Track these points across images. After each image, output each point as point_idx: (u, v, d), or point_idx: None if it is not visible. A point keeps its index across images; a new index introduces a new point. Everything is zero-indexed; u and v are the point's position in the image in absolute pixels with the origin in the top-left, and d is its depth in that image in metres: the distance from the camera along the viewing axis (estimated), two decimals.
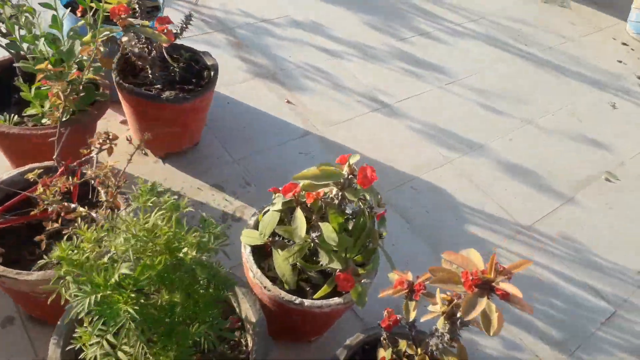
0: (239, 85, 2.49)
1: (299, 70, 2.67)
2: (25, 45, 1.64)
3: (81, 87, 1.52)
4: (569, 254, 2.07)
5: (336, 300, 1.34)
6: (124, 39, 1.70)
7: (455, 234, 2.05)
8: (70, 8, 1.85)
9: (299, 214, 1.29)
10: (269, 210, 1.40)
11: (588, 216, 2.25)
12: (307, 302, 1.33)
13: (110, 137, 1.23)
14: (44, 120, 1.58)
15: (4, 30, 1.63)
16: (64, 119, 1.42)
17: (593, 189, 2.39)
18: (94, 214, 1.16)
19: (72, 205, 1.14)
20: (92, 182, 1.20)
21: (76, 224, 1.08)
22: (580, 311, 1.88)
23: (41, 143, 1.55)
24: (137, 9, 1.80)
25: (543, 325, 1.79)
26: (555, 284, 1.94)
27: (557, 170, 2.44)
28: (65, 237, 1.07)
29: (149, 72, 1.88)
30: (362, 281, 1.32)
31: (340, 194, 1.25)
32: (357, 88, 2.64)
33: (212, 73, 1.97)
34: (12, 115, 1.59)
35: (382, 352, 1.18)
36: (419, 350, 1.15)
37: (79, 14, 1.65)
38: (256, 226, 1.48)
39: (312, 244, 1.31)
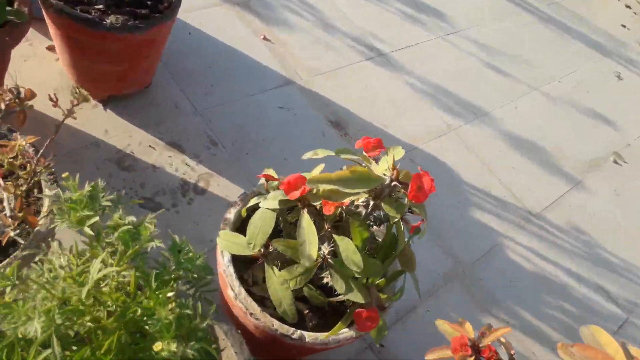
0: (203, 11, 1.97)
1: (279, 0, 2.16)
2: None
3: None
4: (578, 249, 1.83)
5: (347, 335, 1.00)
6: None
7: (458, 220, 1.74)
8: None
9: (307, 223, 0.91)
10: (257, 205, 1.01)
11: (597, 204, 2.01)
12: (308, 337, 0.98)
13: (22, 95, 0.75)
14: None
15: None
16: None
17: (602, 172, 2.15)
18: None
19: None
20: None
21: None
22: (592, 317, 1.66)
23: None
24: None
25: (557, 336, 1.56)
26: (565, 285, 1.70)
27: (564, 146, 2.17)
28: None
29: None
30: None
31: (372, 204, 0.87)
32: (348, 30, 2.19)
33: None
34: None
35: None
36: None
37: None
38: (238, 224, 1.08)
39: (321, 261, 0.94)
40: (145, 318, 0.54)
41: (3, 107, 0.71)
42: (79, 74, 1.48)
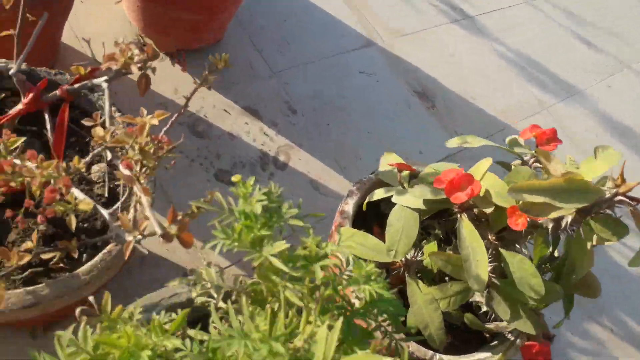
0: None
1: None
2: None
3: None
4: None
5: None
6: None
7: None
8: None
9: (470, 235, 0.72)
10: (384, 201, 0.82)
11: None
12: None
13: (145, 49, 0.55)
14: None
15: None
16: None
17: None
18: (111, 227, 0.52)
19: (79, 195, 0.49)
20: (105, 153, 0.55)
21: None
22: None
23: None
24: None
25: None
26: None
27: None
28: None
29: None
30: None
31: (571, 220, 0.67)
32: None
33: None
34: None
35: None
36: None
37: None
38: (358, 218, 0.90)
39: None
40: None
41: (134, 69, 0.51)
42: (146, 21, 1.26)
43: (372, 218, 0.93)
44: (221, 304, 0.46)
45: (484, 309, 0.78)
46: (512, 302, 0.74)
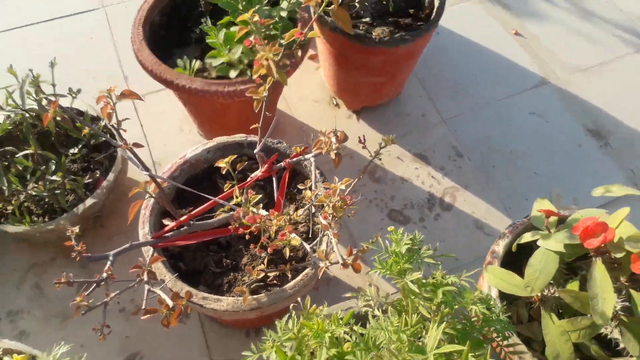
0: (449, 9, 1.90)
1: None
2: None
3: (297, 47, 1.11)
4: None
5: None
6: None
7: None
8: None
9: (602, 276, 0.81)
10: (532, 243, 0.94)
11: None
12: None
13: (338, 137, 0.81)
14: (232, 73, 1.22)
15: None
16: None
17: None
18: (311, 257, 0.79)
19: (293, 237, 0.77)
20: (311, 207, 0.83)
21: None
22: None
23: (228, 104, 1.22)
24: None
25: None
26: None
27: None
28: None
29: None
30: None
31: None
32: (614, 16, 1.89)
33: (436, 1, 1.43)
34: (193, 61, 1.26)
35: None
36: None
37: None
38: (507, 259, 1.03)
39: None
40: None
41: (333, 156, 0.78)
42: (339, 85, 1.57)
43: (523, 257, 1.05)
44: (376, 312, 0.67)
45: (622, 345, 0.85)
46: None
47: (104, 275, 0.72)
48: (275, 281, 0.98)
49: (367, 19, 1.40)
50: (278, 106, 1.58)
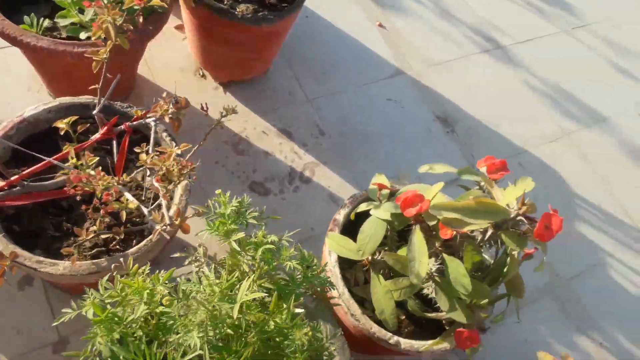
0: None
1: None
2: None
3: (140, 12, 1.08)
4: None
5: (441, 347, 1.02)
6: None
7: (564, 232, 1.66)
8: None
9: (419, 241, 0.92)
10: (367, 213, 1.04)
11: None
12: (404, 343, 1.02)
13: (179, 104, 0.83)
14: (82, 34, 1.16)
15: None
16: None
17: None
18: (148, 220, 0.80)
19: (129, 197, 0.77)
20: (147, 170, 0.84)
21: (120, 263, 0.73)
22: None
23: (77, 64, 1.17)
24: None
25: None
26: None
27: None
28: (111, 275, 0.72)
29: None
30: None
31: (491, 233, 0.87)
32: (468, 19, 2.11)
33: None
34: (41, 19, 1.18)
35: None
36: None
37: None
38: (346, 227, 1.13)
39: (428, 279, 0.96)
40: (279, 336, 0.60)
41: (167, 119, 0.79)
42: (205, 57, 1.57)
43: (359, 226, 1.15)
44: (205, 270, 0.71)
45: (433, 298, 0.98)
46: (449, 297, 0.93)
47: None
48: (118, 247, 0.97)
49: None
50: (141, 72, 1.54)
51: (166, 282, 0.63)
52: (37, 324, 1.14)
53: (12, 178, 0.84)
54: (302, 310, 0.64)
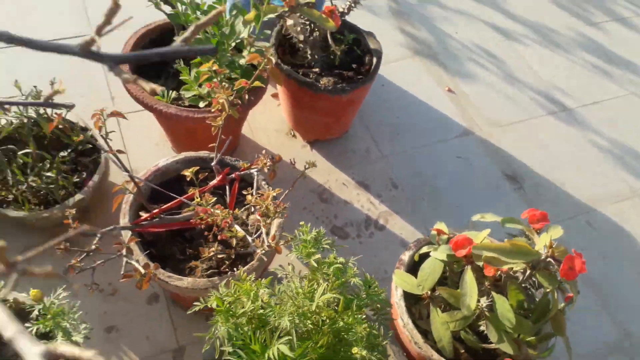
0: (395, 64, 2.23)
1: (465, 51, 2.34)
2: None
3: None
4: None
5: None
6: (289, 22, 1.54)
7: (635, 295, 1.70)
8: None
9: (470, 279, 1.08)
10: (429, 254, 1.21)
11: None
12: None
13: (274, 160, 1.08)
14: (201, 103, 1.49)
15: None
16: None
17: None
18: (251, 245, 1.04)
19: (237, 229, 1.02)
20: (251, 208, 1.09)
21: (234, 271, 0.98)
22: None
23: (196, 127, 1.48)
24: None
25: None
26: None
27: None
28: (224, 282, 0.96)
29: (308, 52, 1.70)
30: None
31: (529, 273, 1.01)
32: (533, 82, 2.26)
33: (374, 60, 1.74)
34: (170, 91, 1.52)
35: None
36: None
37: None
38: (411, 266, 1.30)
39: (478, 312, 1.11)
40: (345, 331, 0.79)
41: (265, 170, 1.04)
42: (295, 121, 1.86)
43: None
44: (293, 279, 0.92)
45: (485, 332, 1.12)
46: (498, 330, 1.07)
47: (93, 247, 0.95)
48: (227, 269, 1.22)
49: (317, 69, 1.70)
50: (244, 133, 1.85)
51: (266, 287, 0.86)
52: (161, 333, 1.40)
53: (154, 211, 1.12)
54: (364, 315, 0.83)
